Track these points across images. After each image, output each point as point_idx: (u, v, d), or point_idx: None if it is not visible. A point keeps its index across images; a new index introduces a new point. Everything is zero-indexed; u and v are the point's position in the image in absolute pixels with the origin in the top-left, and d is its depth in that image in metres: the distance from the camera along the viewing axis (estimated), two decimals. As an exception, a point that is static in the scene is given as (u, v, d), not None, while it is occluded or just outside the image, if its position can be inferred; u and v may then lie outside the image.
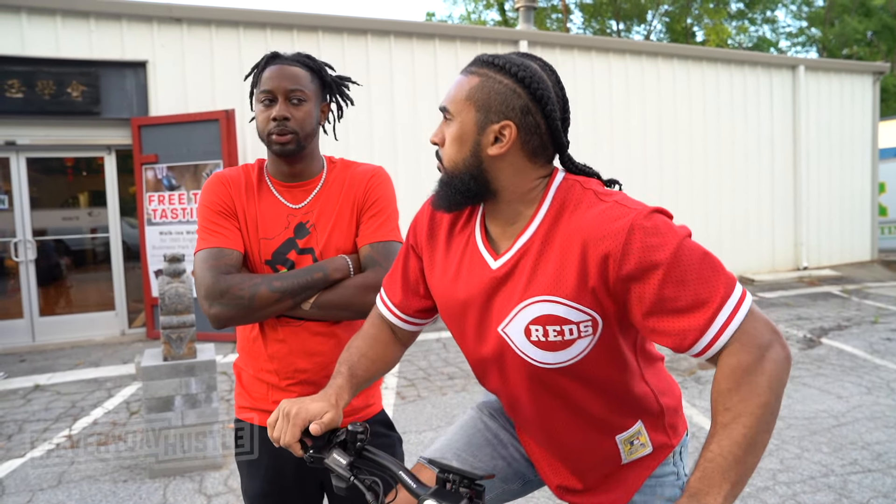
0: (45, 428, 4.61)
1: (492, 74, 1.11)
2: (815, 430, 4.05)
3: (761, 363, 0.96)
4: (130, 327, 7.98)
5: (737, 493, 0.89)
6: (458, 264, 1.24)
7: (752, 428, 0.92)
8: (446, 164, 1.17)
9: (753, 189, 11.08)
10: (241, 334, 1.64)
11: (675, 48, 10.92)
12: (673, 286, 1.00)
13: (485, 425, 1.43)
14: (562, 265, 1.08)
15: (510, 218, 1.17)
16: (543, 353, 1.12)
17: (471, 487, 0.96)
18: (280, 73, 1.50)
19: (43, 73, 7.12)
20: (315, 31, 8.22)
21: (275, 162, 1.58)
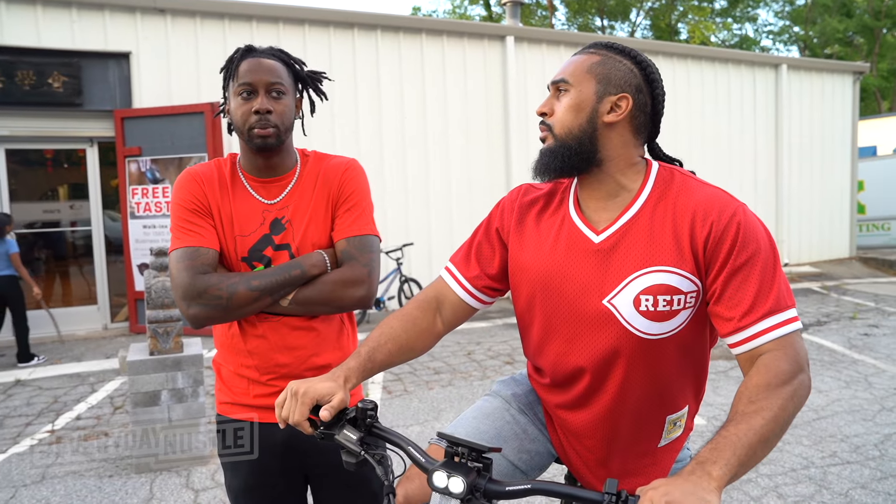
0: (27, 423, 4.56)
1: (612, 55, 1.26)
2: (795, 424, 4.12)
3: (793, 379, 1.04)
4: (113, 322, 7.90)
5: (741, 473, 0.93)
6: (554, 243, 1.29)
7: (770, 423, 0.98)
8: (559, 130, 1.25)
9: (736, 186, 11.21)
10: (218, 331, 1.62)
11: (661, 45, 11.00)
12: (748, 271, 1.13)
13: (513, 418, 1.45)
14: (676, 238, 1.18)
15: (612, 192, 1.26)
16: (649, 324, 1.19)
17: (479, 460, 0.98)
18: (259, 66, 1.48)
19: (23, 64, 7.00)
20: (301, 23, 8.16)
21: (250, 157, 1.56)
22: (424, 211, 8.79)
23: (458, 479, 0.94)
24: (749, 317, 1.11)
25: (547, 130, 1.27)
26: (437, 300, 1.42)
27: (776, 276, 1.13)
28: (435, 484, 0.96)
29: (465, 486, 0.94)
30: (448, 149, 8.98)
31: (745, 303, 1.12)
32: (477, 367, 5.78)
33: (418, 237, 8.58)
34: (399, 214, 8.69)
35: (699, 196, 1.19)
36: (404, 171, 8.76)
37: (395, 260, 8.11)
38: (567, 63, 1.28)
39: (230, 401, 1.60)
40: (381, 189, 8.55)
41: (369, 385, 5.26)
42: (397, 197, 8.70)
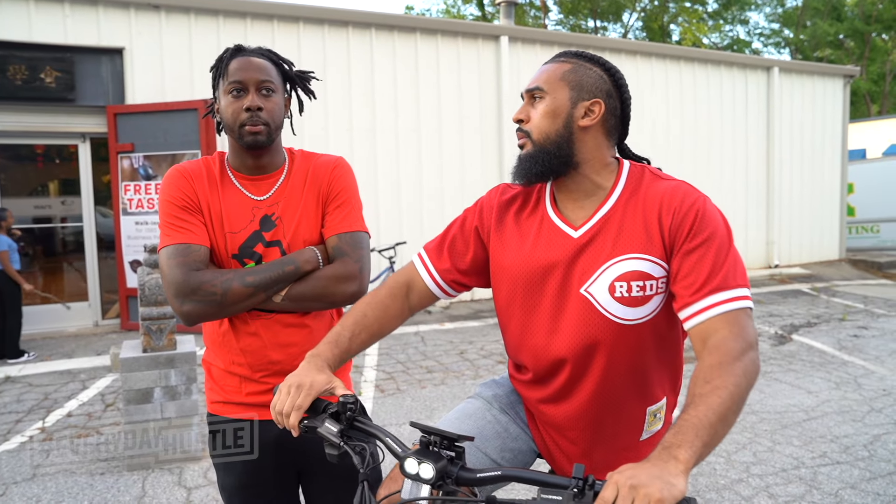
0: (17, 420, 4.53)
1: (582, 63, 1.34)
2: (786, 424, 4.16)
3: (742, 358, 1.09)
4: (104, 318, 7.85)
5: (705, 454, 0.96)
6: (535, 241, 1.36)
7: (727, 401, 1.01)
8: (537, 135, 1.31)
9: (728, 188, 11.28)
10: (209, 329, 1.61)
11: (654, 47, 11.04)
12: (703, 252, 1.21)
13: (494, 418, 1.49)
14: (646, 227, 1.26)
15: (588, 191, 1.34)
16: (625, 309, 1.26)
17: (451, 449, 1.01)
18: (249, 64, 1.49)
19: (15, 58, 6.94)
20: (296, 21, 8.13)
21: (239, 154, 1.56)
22: (417, 210, 8.79)
23: (428, 465, 0.97)
24: (699, 293, 1.18)
25: (525, 137, 1.33)
26: (406, 286, 1.47)
27: (728, 258, 1.20)
28: (406, 470, 0.99)
29: (435, 472, 0.97)
30: (442, 148, 8.99)
31: (699, 281, 1.19)
32: (469, 367, 5.79)
33: (411, 236, 8.58)
34: (392, 213, 8.68)
35: (665, 188, 1.28)
36: (398, 169, 8.75)
37: (388, 258, 8.11)
38: (540, 72, 1.35)
39: (222, 399, 1.60)
40: (374, 188, 8.55)
41: (362, 383, 5.26)
42: (390, 196, 8.69)
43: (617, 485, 0.85)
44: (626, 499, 0.83)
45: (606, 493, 0.84)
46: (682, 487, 0.85)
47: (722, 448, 3.78)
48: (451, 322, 7.74)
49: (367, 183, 8.49)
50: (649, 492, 0.83)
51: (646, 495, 0.83)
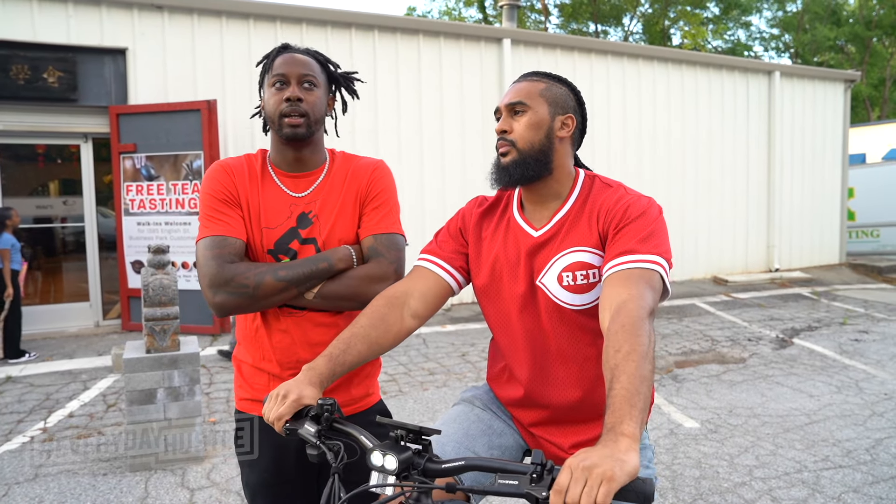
0: (18, 420, 4.52)
1: (552, 82, 1.51)
2: (788, 428, 4.17)
3: (644, 326, 1.16)
4: (105, 319, 7.84)
5: (645, 418, 1.02)
6: (503, 243, 1.51)
7: (640, 364, 1.08)
8: (522, 144, 1.45)
9: (728, 191, 11.29)
10: (242, 324, 1.63)
11: (655, 50, 11.06)
12: (626, 230, 1.35)
13: (477, 417, 1.55)
14: (588, 227, 1.43)
15: (552, 195, 1.50)
16: (572, 296, 1.42)
17: (419, 441, 1.06)
18: (293, 59, 1.54)
19: (18, 58, 6.94)
20: (299, 22, 8.14)
21: (280, 149, 1.59)
22: (419, 211, 8.79)
23: (391, 456, 1.02)
24: (617, 256, 1.32)
25: (509, 146, 1.46)
26: (405, 294, 1.49)
27: (657, 230, 1.35)
28: (372, 462, 1.04)
29: (399, 462, 1.01)
30: (444, 150, 9.00)
31: (614, 251, 1.33)
32: (471, 369, 5.79)
33: (413, 238, 8.50)
34: (394, 215, 8.67)
35: (608, 194, 1.45)
36: (399, 172, 8.73)
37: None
38: (517, 89, 1.49)
39: (250, 397, 1.61)
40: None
41: (364, 385, 5.26)
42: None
43: (570, 468, 0.88)
44: (579, 481, 0.86)
45: (561, 478, 0.88)
46: (634, 463, 0.89)
47: (724, 451, 3.79)
48: (453, 324, 7.74)
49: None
50: (601, 471, 0.86)
51: (598, 475, 0.86)
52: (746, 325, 7.54)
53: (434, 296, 1.52)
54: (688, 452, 3.80)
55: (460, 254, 1.57)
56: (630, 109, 10.36)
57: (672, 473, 3.51)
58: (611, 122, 10.17)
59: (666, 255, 1.33)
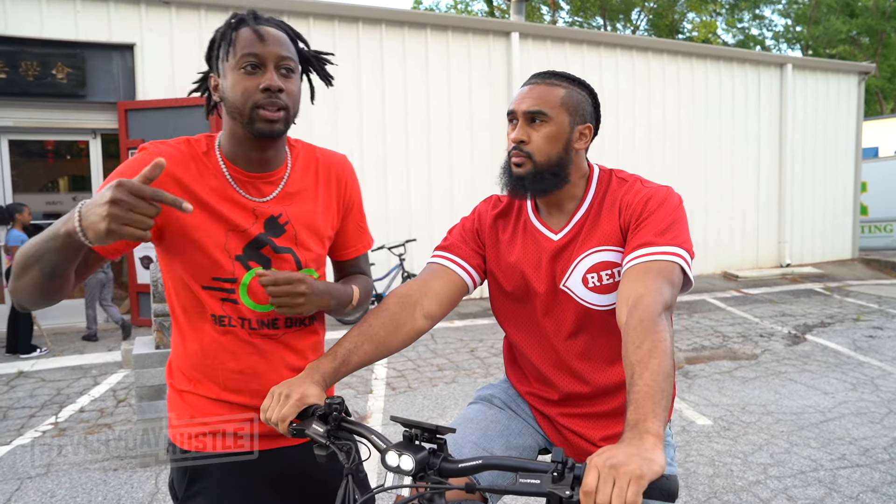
0: (30, 415, 4.54)
1: (572, 86, 1.43)
2: (803, 426, 4.11)
3: (661, 321, 1.13)
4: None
5: (665, 417, 0.98)
6: (523, 244, 1.49)
7: (663, 360, 1.05)
8: (539, 157, 1.40)
9: (739, 186, 11.19)
10: (193, 347, 1.41)
11: (665, 43, 10.96)
12: (648, 221, 1.33)
13: (495, 417, 1.52)
14: (608, 224, 1.40)
15: (568, 199, 1.46)
16: (599, 297, 1.39)
17: (434, 441, 1.04)
18: (269, 36, 1.25)
19: (27, 54, 6.95)
20: (306, 17, 8.11)
21: (241, 145, 1.31)
22: (427, 206, 8.76)
23: (408, 457, 0.99)
24: (635, 249, 1.29)
25: (525, 157, 1.40)
26: (419, 293, 1.44)
27: (677, 221, 1.31)
28: (388, 463, 1.01)
29: (415, 463, 0.99)
30: (452, 145, 8.95)
31: (633, 242, 1.31)
32: (480, 364, 5.76)
33: (420, 233, 8.55)
34: (402, 210, 8.66)
35: (626, 189, 1.42)
36: (407, 165, 8.72)
37: (397, 255, 8.08)
38: (537, 94, 1.40)
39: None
40: (383, 184, 8.52)
41: (373, 381, 5.25)
42: (400, 192, 8.67)
43: (597, 467, 0.85)
44: (607, 480, 0.84)
45: (588, 478, 0.85)
46: (661, 462, 0.87)
47: (738, 449, 3.74)
48: (462, 320, 7.71)
49: (377, 179, 8.47)
50: (629, 469, 0.84)
51: (626, 474, 0.83)
52: (758, 321, 7.47)
53: (449, 295, 1.48)
54: (700, 450, 3.75)
55: (477, 253, 1.54)
56: (639, 104, 10.28)
57: (685, 471, 3.47)
58: (620, 116, 10.09)
59: (685, 246, 1.29)
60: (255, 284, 1.32)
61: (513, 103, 1.43)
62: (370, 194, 8.31)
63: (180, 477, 1.36)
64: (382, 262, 8.30)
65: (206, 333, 1.33)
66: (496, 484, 1.34)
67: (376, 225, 8.45)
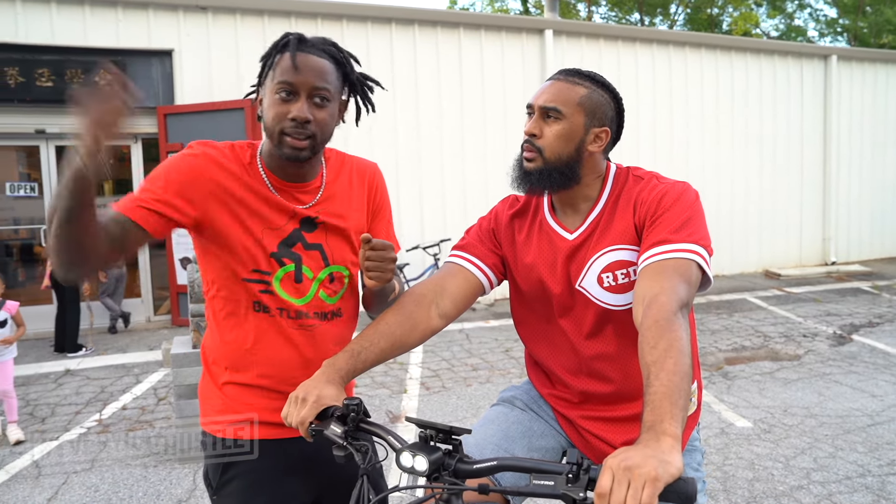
0: (76, 412, 4.69)
1: (595, 87, 1.41)
2: (849, 429, 3.97)
3: (677, 320, 1.10)
4: (156, 314, 8.07)
5: (684, 417, 0.96)
6: (538, 244, 1.48)
7: (679, 359, 1.03)
8: (549, 154, 1.39)
9: (781, 182, 10.88)
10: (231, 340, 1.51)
11: (703, 37, 10.72)
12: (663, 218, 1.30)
13: (517, 418, 1.51)
14: (623, 223, 1.38)
15: (583, 198, 1.45)
16: (616, 297, 1.37)
17: (449, 441, 1.04)
18: (306, 64, 1.30)
19: (72, 63, 7.18)
20: (339, 19, 8.19)
21: (277, 159, 1.38)
22: (461, 206, 8.75)
23: (422, 458, 0.99)
24: (651, 248, 1.26)
25: (535, 152, 1.40)
26: (434, 293, 1.45)
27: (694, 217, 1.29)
28: (402, 463, 1.02)
29: (429, 464, 0.98)
30: (486, 143, 8.92)
31: (649, 240, 1.28)
32: (515, 364, 5.73)
33: (455, 232, 8.54)
34: (436, 209, 8.67)
35: (641, 187, 1.39)
36: (441, 165, 8.72)
37: (432, 255, 8.09)
38: (556, 90, 1.39)
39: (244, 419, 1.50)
40: (418, 184, 8.54)
41: (407, 381, 5.26)
42: (434, 192, 8.67)
43: (611, 469, 0.84)
44: (622, 482, 0.82)
45: (603, 480, 0.84)
46: (678, 464, 0.85)
47: (779, 453, 3.64)
48: (496, 319, 7.68)
49: (412, 180, 8.49)
50: (644, 472, 0.82)
51: (641, 476, 0.82)
52: (801, 321, 7.24)
53: (465, 295, 1.48)
54: (740, 453, 3.66)
55: (494, 253, 1.53)
56: (676, 99, 10.08)
57: (723, 475, 3.39)
58: (657, 113, 9.91)
59: (702, 243, 1.26)
60: (287, 279, 1.41)
61: (532, 96, 1.43)
62: (405, 195, 8.35)
63: (214, 465, 1.44)
64: (417, 261, 8.33)
65: (244, 322, 1.41)
66: (514, 485, 1.33)
67: (411, 225, 8.49)
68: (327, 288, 1.46)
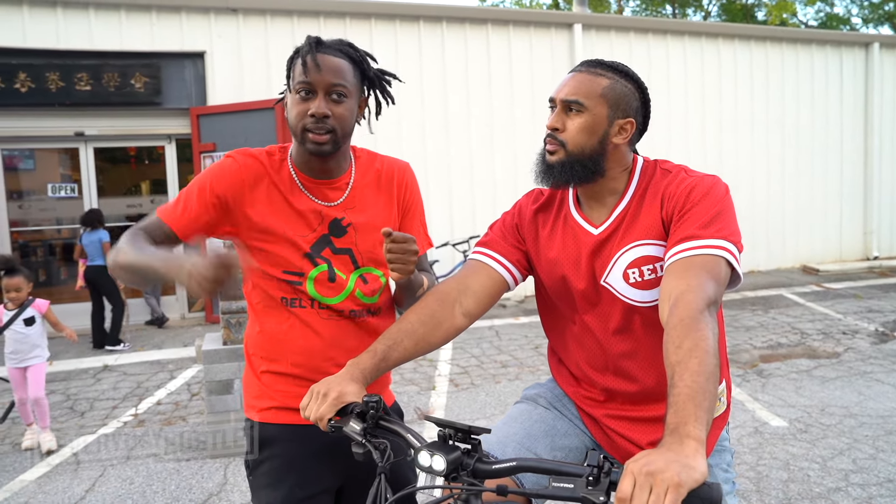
0: (113, 406, 4.81)
1: (618, 78, 1.38)
2: (890, 430, 3.84)
3: (703, 318, 1.07)
4: (190, 311, 8.24)
5: (709, 420, 0.93)
6: (563, 239, 1.45)
7: (704, 359, 1.00)
8: (572, 147, 1.36)
9: (819, 175, 10.58)
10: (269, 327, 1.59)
11: (737, 28, 10.48)
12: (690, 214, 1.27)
13: (540, 417, 1.49)
14: (650, 217, 1.35)
15: (609, 192, 1.41)
16: (642, 293, 1.34)
17: (468, 441, 1.03)
18: (322, 64, 1.38)
19: (109, 66, 7.37)
20: (368, 18, 8.23)
21: (304, 157, 1.47)
22: (491, 202, 8.72)
23: (440, 457, 0.98)
24: (678, 243, 1.23)
25: (558, 145, 1.37)
26: (458, 291, 1.44)
27: (717, 215, 1.24)
28: (420, 462, 1.01)
29: (447, 463, 0.98)
30: (515, 139, 8.87)
31: (676, 236, 1.25)
32: (544, 362, 5.69)
33: (484, 229, 8.50)
34: (465, 207, 8.66)
35: (669, 180, 1.36)
36: (470, 162, 8.71)
37: (461, 252, 8.09)
38: (577, 82, 1.36)
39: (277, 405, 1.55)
40: (447, 181, 8.54)
41: (436, 377, 5.27)
42: (463, 189, 8.67)
43: (633, 473, 0.81)
44: (643, 487, 0.79)
45: (624, 485, 0.81)
46: (702, 469, 0.82)
47: (816, 453, 3.54)
48: (526, 316, 7.64)
49: (441, 177, 8.50)
50: (666, 476, 0.79)
51: (664, 481, 0.79)
52: (840, 318, 7.04)
53: (488, 293, 1.46)
54: (774, 453, 3.57)
55: (518, 249, 1.50)
56: (710, 92, 9.88)
57: (756, 475, 3.31)
58: (689, 106, 9.73)
59: (732, 239, 1.23)
60: (321, 278, 1.47)
61: (554, 89, 1.40)
62: (434, 192, 8.36)
63: (251, 446, 1.53)
64: (447, 258, 8.33)
65: (276, 317, 1.50)
66: (536, 486, 1.32)
67: (440, 222, 8.49)
68: (363, 287, 1.51)
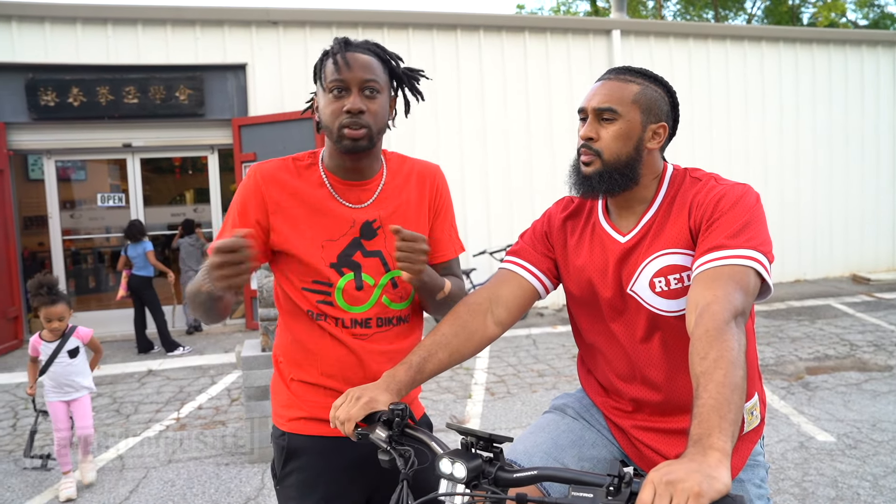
0: (157, 410, 4.94)
1: (648, 83, 1.38)
2: (946, 446, 3.67)
3: (729, 330, 1.06)
4: (231, 318, 8.41)
5: (736, 431, 0.91)
6: (590, 247, 1.45)
7: (730, 371, 0.99)
8: (608, 156, 1.35)
9: (870, 179, 10.21)
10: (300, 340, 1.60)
11: (781, 31, 10.22)
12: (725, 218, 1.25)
13: (568, 427, 1.48)
14: (677, 226, 1.33)
15: (638, 200, 1.40)
16: (668, 302, 1.32)
17: (490, 449, 1.03)
18: (353, 62, 1.39)
19: (155, 80, 7.62)
20: (405, 27, 8.31)
21: (337, 158, 1.47)
22: (529, 211, 8.68)
23: (461, 464, 0.98)
24: (705, 253, 1.21)
25: (594, 155, 1.36)
26: (489, 301, 1.45)
27: (747, 224, 1.22)
28: (441, 470, 1.01)
29: (468, 471, 0.98)
30: (553, 147, 8.82)
31: (704, 245, 1.23)
32: (580, 371, 5.61)
33: (520, 237, 8.49)
34: (503, 215, 8.63)
35: (698, 189, 1.34)
36: (508, 171, 8.69)
37: (499, 260, 8.05)
38: (608, 90, 1.35)
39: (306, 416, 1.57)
40: (484, 189, 8.54)
41: (472, 386, 5.25)
42: (501, 197, 8.65)
43: (653, 483, 0.80)
44: (663, 497, 0.79)
45: (644, 494, 0.80)
46: (725, 480, 0.81)
47: (866, 470, 3.40)
48: (564, 325, 7.57)
49: (478, 185, 8.50)
50: (687, 486, 0.79)
51: (684, 491, 0.78)
52: (893, 329, 6.76)
53: (519, 302, 1.46)
54: (821, 469, 3.44)
55: (547, 257, 1.50)
56: (752, 97, 9.65)
57: (802, 491, 3.20)
58: (731, 112, 9.52)
59: (762, 249, 1.20)
60: (349, 288, 1.47)
61: (584, 99, 1.39)
62: (471, 200, 8.37)
63: (278, 456, 1.54)
64: (484, 266, 8.32)
65: (305, 326, 1.50)
66: (552, 496, 1.31)
67: (478, 230, 8.50)
68: (391, 293, 1.50)
